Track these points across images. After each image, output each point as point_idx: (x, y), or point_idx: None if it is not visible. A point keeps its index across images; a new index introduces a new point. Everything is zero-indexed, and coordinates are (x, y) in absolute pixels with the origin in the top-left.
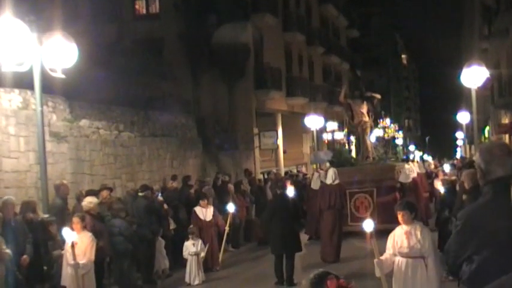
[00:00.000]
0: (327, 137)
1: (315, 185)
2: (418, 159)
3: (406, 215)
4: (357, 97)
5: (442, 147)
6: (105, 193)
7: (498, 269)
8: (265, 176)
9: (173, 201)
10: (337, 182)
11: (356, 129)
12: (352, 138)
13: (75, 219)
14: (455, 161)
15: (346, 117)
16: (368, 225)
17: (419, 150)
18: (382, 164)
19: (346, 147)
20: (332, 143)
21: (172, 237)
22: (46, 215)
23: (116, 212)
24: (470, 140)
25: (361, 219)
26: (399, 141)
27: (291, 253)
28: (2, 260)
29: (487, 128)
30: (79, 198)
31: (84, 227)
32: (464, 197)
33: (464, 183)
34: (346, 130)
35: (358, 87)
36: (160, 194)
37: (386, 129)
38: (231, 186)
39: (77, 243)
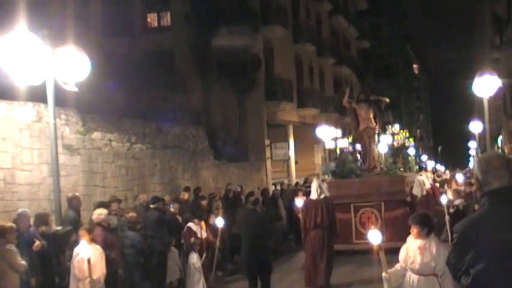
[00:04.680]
0: (329, 145)
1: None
2: (431, 170)
3: (416, 230)
4: (362, 101)
5: (455, 157)
6: (115, 205)
7: (493, 282)
8: (277, 187)
9: (185, 213)
10: (323, 196)
11: (362, 137)
12: (358, 146)
13: (82, 232)
14: (468, 171)
15: (351, 123)
16: (375, 237)
17: (432, 160)
18: (391, 175)
19: (350, 156)
20: (335, 152)
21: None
22: (59, 227)
23: (132, 225)
24: (483, 149)
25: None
26: (411, 151)
27: (262, 276)
28: (17, 271)
29: (500, 137)
30: None
31: (92, 240)
32: (476, 206)
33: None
34: (351, 138)
35: (364, 90)
36: (172, 206)
37: (396, 136)
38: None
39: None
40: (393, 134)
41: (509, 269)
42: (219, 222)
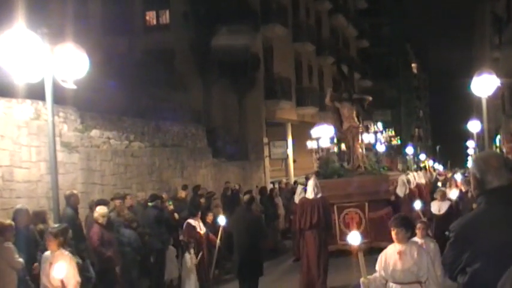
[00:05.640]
0: (311, 145)
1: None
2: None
3: (401, 233)
4: (345, 99)
5: (453, 157)
6: (118, 202)
7: (489, 281)
8: (275, 186)
9: (182, 211)
10: (320, 195)
11: (345, 136)
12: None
13: (48, 237)
14: (467, 170)
15: (334, 123)
16: (354, 238)
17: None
18: (374, 175)
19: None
20: (318, 152)
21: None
22: (56, 225)
23: (128, 223)
24: (481, 149)
25: None
26: (409, 150)
27: (251, 278)
28: (15, 269)
29: (498, 136)
30: (91, 208)
31: (60, 245)
32: (474, 205)
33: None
34: (336, 137)
35: (347, 89)
36: (171, 202)
37: (379, 135)
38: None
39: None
40: (375, 133)
41: (506, 268)
42: (221, 220)
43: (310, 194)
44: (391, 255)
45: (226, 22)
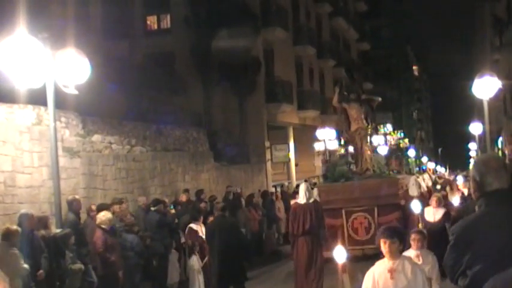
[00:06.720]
0: (318, 147)
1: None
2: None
3: (393, 246)
4: (353, 100)
5: (455, 159)
6: (116, 207)
7: None
8: (277, 189)
9: (184, 215)
10: (311, 200)
11: (353, 138)
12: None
13: None
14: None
15: (342, 125)
16: (339, 253)
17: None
18: (383, 178)
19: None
20: (324, 154)
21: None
22: (59, 230)
23: (129, 228)
24: (483, 151)
25: (361, 243)
26: (411, 153)
27: (235, 284)
28: (20, 275)
29: (500, 138)
30: (89, 213)
31: None
32: (476, 208)
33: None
34: (342, 139)
35: (355, 90)
36: (172, 206)
37: (389, 137)
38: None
39: None
40: (385, 135)
41: (506, 270)
42: None
43: (302, 199)
44: (380, 274)
45: (226, 25)
